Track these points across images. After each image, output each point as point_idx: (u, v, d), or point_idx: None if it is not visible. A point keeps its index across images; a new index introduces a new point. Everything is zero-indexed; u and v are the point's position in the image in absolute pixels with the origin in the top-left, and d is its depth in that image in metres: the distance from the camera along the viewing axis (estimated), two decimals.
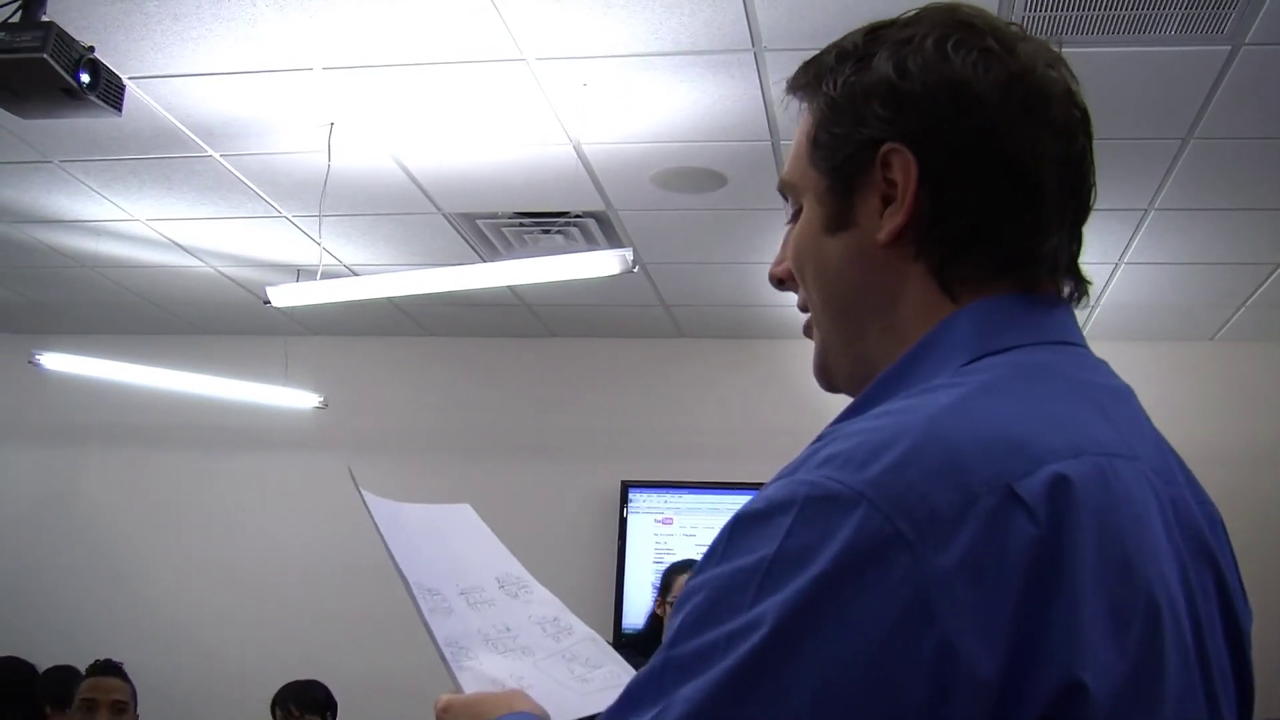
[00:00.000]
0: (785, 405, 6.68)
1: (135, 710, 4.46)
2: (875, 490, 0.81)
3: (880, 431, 0.86)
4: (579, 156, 4.62)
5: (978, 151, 1.00)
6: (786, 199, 1.14)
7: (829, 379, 1.13)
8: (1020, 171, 1.00)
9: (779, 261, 1.15)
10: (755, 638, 0.80)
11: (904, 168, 1.01)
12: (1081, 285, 1.07)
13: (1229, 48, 3.61)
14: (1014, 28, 1.05)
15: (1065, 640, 0.80)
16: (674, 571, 4.44)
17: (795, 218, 1.12)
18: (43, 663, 5.71)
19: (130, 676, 4.57)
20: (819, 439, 0.91)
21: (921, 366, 0.99)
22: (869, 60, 1.04)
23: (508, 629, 1.59)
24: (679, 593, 1.02)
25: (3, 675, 5.05)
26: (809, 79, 1.09)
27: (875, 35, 1.05)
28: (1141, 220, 4.95)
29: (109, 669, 4.47)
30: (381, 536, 1.57)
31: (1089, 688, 0.80)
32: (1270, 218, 4.88)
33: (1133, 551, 0.86)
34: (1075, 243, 1.06)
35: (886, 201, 1.02)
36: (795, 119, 1.12)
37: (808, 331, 1.14)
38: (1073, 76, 1.05)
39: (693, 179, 4.79)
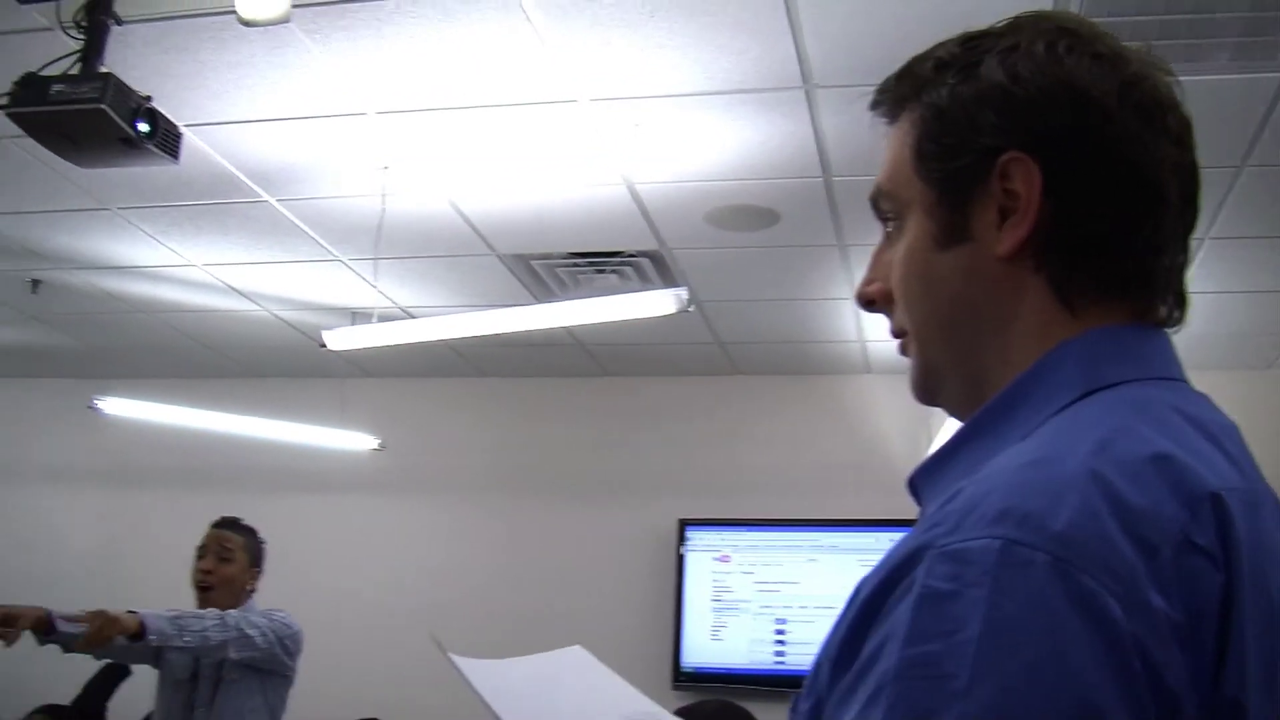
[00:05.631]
0: (841, 440, 6.63)
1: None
2: (1068, 549, 0.77)
3: (1044, 483, 0.81)
4: (632, 196, 4.62)
5: (1101, 158, 0.95)
6: (880, 212, 1.08)
7: (932, 397, 1.07)
8: (1145, 179, 0.96)
9: (869, 281, 1.09)
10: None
11: (1026, 177, 0.96)
12: (1183, 307, 1.02)
13: None
14: (1114, 37, 1.02)
15: (1238, 681, 0.79)
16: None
17: (889, 235, 1.07)
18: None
19: None
20: (954, 491, 0.85)
21: (1031, 398, 0.95)
22: (975, 68, 0.99)
23: None
24: None
25: None
26: (907, 89, 1.04)
27: (974, 44, 1.01)
28: (1195, 250, 4.89)
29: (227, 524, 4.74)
30: (481, 699, 1.47)
31: (1248, 710, 0.79)
32: None
33: (1276, 596, 0.85)
34: (1184, 257, 1.01)
35: (1004, 213, 0.97)
36: (883, 133, 1.08)
37: (904, 350, 1.08)
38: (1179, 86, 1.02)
39: (746, 217, 4.78)
